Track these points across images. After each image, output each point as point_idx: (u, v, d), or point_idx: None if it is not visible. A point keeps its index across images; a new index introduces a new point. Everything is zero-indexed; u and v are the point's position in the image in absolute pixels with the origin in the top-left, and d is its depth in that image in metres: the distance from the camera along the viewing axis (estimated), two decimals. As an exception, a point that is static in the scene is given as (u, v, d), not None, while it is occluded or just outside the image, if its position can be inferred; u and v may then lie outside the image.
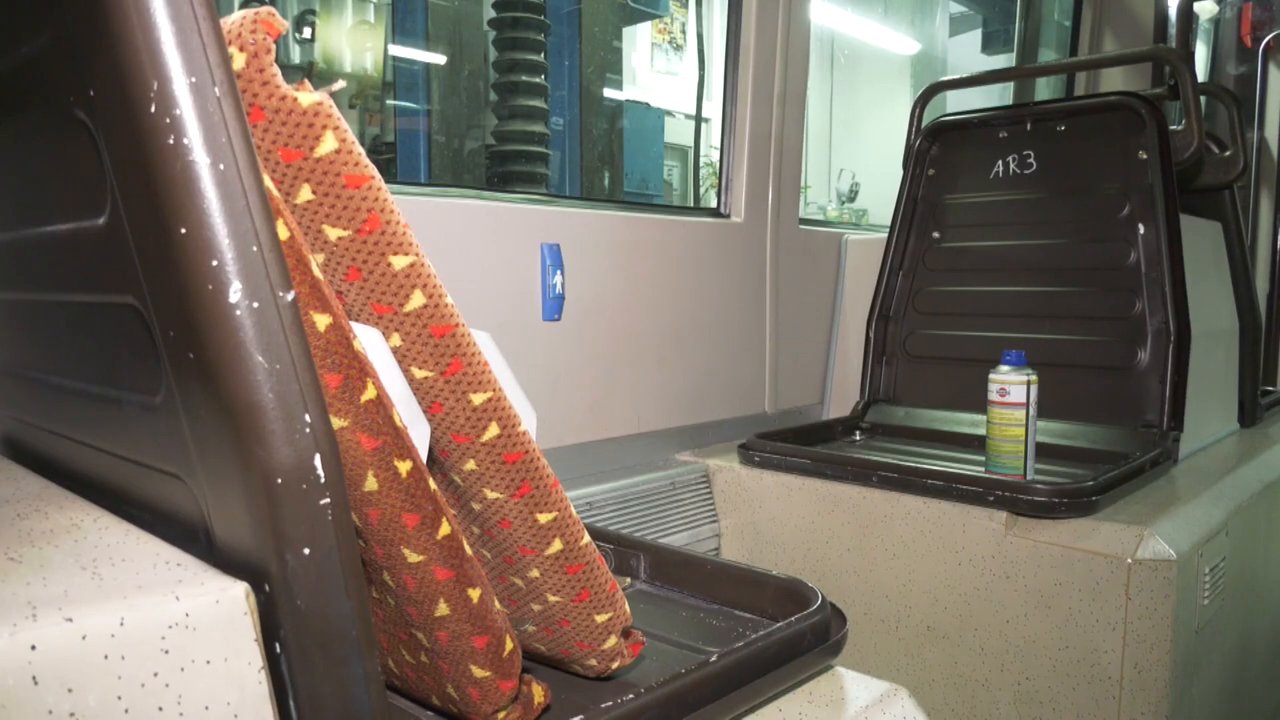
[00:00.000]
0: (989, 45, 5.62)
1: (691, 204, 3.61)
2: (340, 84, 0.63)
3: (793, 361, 2.14)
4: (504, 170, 2.61)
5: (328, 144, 0.57)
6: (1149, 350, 1.75)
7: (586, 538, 0.71)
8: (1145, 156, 1.80)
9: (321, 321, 0.55)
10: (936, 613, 1.49)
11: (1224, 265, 2.15)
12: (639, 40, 5.59)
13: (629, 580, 0.99)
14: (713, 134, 2.12)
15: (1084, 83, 3.35)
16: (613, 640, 0.74)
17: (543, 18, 2.57)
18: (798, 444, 1.79)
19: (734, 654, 0.73)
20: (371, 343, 0.61)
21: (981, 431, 1.65)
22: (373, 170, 0.60)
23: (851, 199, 5.67)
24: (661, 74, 5.78)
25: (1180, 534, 1.36)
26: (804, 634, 0.80)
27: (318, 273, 0.55)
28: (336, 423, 0.57)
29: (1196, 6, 4.38)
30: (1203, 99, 2.71)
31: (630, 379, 1.79)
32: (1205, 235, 2.05)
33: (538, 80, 2.59)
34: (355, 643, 0.49)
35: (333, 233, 0.59)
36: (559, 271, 1.61)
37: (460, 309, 1.57)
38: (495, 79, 2.64)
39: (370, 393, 0.57)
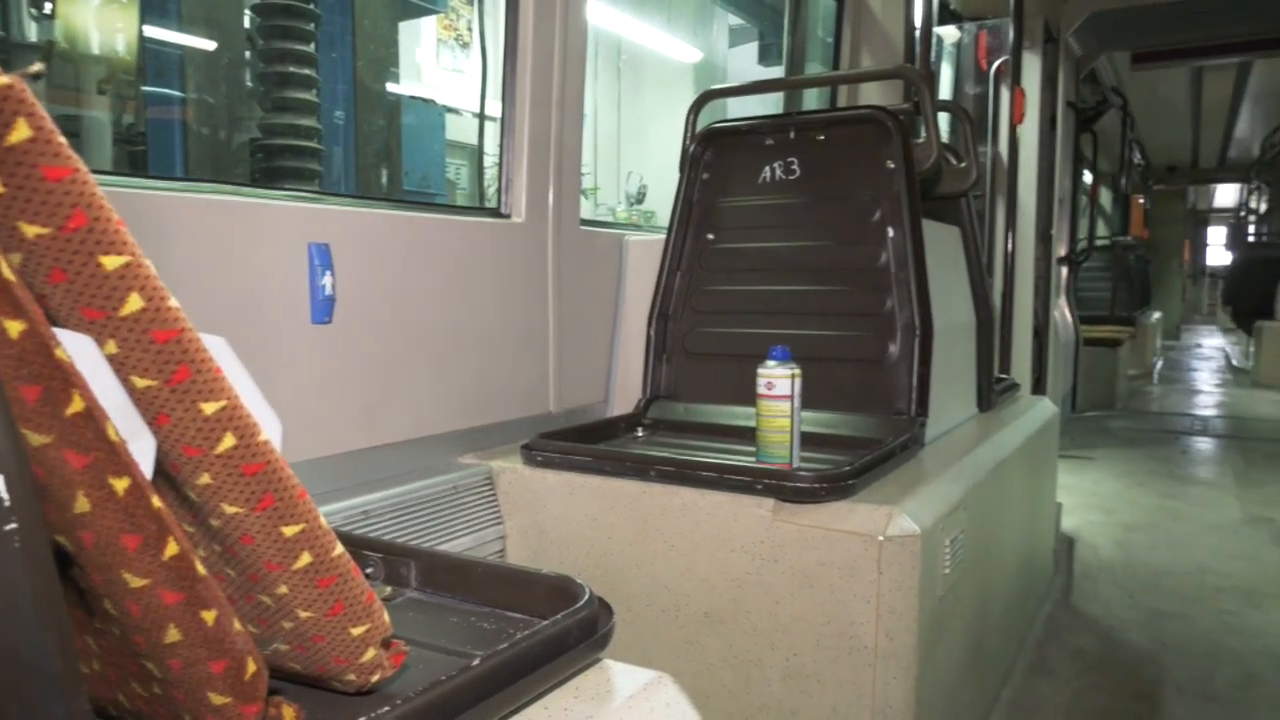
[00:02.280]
0: (765, 57, 5.93)
1: (477, 203, 3.57)
2: (38, 67, 0.58)
3: (576, 361, 2.16)
4: (271, 165, 2.46)
5: (20, 132, 0.52)
6: (899, 344, 1.90)
7: (339, 549, 0.68)
8: (893, 166, 1.95)
9: (14, 328, 0.50)
10: (712, 599, 1.56)
11: (962, 266, 2.38)
12: (424, 36, 5.45)
13: (390, 589, 0.97)
14: (500, 133, 2.10)
15: (846, 95, 3.61)
16: (371, 653, 0.72)
17: (312, 6, 2.45)
18: (581, 442, 1.81)
19: (497, 656, 0.73)
20: (80, 350, 0.55)
21: (754, 424, 1.73)
22: (77, 162, 0.55)
23: (640, 201, 5.80)
24: (448, 71, 5.67)
25: (924, 511, 1.50)
26: (570, 630, 0.81)
27: (9, 274, 0.50)
28: (37, 439, 0.51)
29: (942, 31, 4.81)
30: (944, 115, 2.98)
31: (409, 382, 1.74)
32: (945, 238, 2.26)
33: (307, 72, 2.46)
34: (54, 680, 0.44)
35: (30, 230, 0.54)
36: (328, 272, 1.54)
37: (219, 313, 1.47)
38: (262, 69, 2.49)
39: (77, 405, 0.52)
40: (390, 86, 3.46)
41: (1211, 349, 13.07)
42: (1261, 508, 4.12)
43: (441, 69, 5.63)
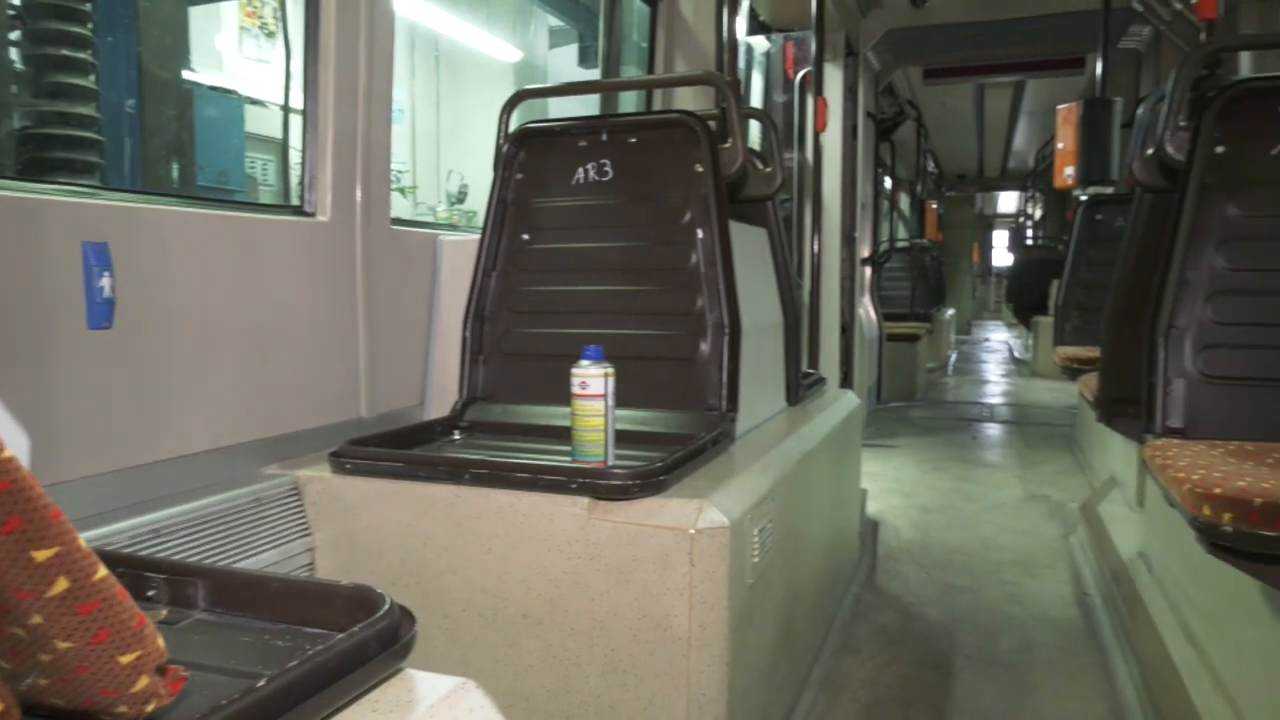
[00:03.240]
0: (585, 59, 5.98)
1: (283, 201, 3.40)
2: None
3: (389, 364, 2.10)
4: (42, 157, 2.24)
5: None
6: (709, 342, 1.96)
7: (102, 571, 0.63)
8: (701, 169, 2.01)
9: None
10: (531, 600, 1.55)
11: (769, 266, 2.48)
12: (225, 23, 5.14)
13: (165, 611, 0.91)
14: (303, 127, 2.01)
15: (663, 100, 3.68)
16: (145, 681, 0.67)
17: (87, -16, 2.25)
18: (393, 448, 1.76)
19: (286, 674, 0.70)
20: None
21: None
22: None
23: (461, 200, 5.71)
24: (252, 60, 5.37)
25: (733, 503, 1.55)
26: (368, 642, 0.78)
27: None
28: None
29: (753, 40, 5.01)
30: (754, 121, 3.10)
31: (205, 390, 1.64)
32: (753, 240, 2.35)
33: (83, 55, 2.26)
34: None
35: None
36: (106, 273, 1.42)
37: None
38: (30, 51, 2.26)
39: None
40: (184, 74, 3.23)
41: (998, 342, 14.27)
42: (1038, 486, 4.54)
43: (245, 58, 5.33)
